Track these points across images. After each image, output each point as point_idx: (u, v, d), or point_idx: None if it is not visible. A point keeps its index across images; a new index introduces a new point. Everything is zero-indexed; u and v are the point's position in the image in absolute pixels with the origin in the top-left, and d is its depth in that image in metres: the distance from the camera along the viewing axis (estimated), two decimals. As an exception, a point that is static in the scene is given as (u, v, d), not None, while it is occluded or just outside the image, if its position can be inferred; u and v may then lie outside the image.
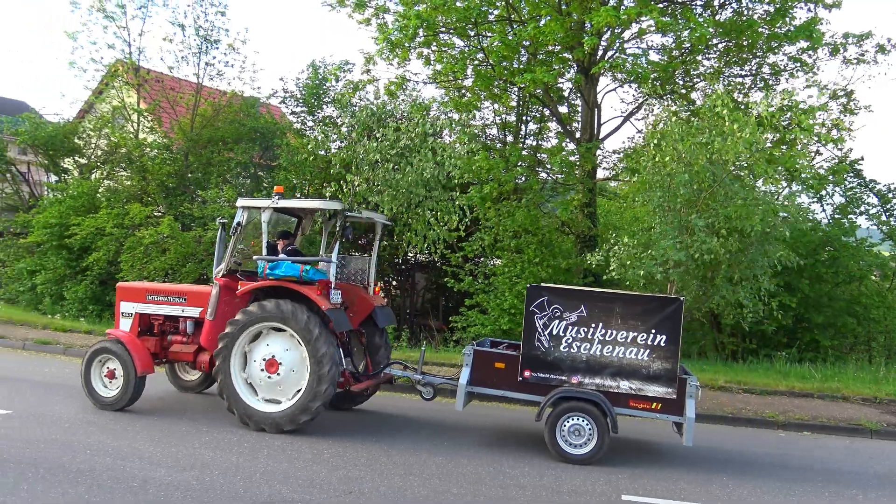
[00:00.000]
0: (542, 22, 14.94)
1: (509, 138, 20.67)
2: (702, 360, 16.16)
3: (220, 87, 22.38)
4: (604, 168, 20.32)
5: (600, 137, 17.66)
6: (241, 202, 9.54)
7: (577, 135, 17.75)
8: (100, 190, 21.01)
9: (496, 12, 16.51)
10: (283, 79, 22.22)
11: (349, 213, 9.45)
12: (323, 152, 14.48)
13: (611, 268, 11.10)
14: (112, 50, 22.10)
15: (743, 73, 17.25)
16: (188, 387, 10.98)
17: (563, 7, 15.05)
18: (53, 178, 23.17)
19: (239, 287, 9.25)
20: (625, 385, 8.38)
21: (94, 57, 21.99)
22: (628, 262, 10.17)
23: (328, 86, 21.47)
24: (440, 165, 10.78)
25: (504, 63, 15.63)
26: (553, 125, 20.33)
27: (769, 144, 10.60)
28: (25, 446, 7.57)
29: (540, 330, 8.65)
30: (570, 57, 16.25)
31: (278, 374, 8.83)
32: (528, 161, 19.56)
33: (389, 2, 16.47)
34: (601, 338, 8.46)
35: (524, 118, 20.59)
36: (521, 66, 16.12)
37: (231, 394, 8.87)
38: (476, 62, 17.06)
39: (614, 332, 8.42)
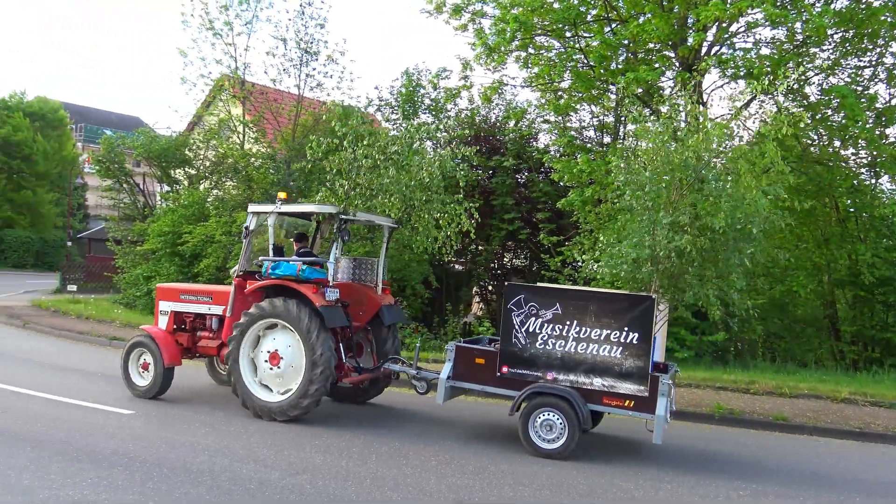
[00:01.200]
0: (643, 19, 14.51)
1: (606, 139, 20.24)
2: (820, 370, 15.22)
3: (320, 97, 22.99)
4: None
5: (705, 137, 16.94)
6: (250, 208, 10.21)
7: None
8: (209, 199, 21.97)
9: (594, 12, 16.18)
10: (378, 87, 22.57)
11: (344, 216, 9.90)
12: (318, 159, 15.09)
13: (587, 267, 11.14)
14: (219, 65, 23.13)
15: (863, 63, 16.18)
16: (224, 381, 11.36)
17: (665, 3, 14.55)
18: (166, 188, 24.43)
19: (247, 286, 9.84)
20: (598, 382, 8.42)
21: (203, 72, 23.07)
22: (601, 261, 10.19)
23: (423, 92, 21.66)
24: (439, 170, 11.74)
25: (603, 63, 15.25)
26: (654, 126, 19.70)
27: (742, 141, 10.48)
28: (149, 446, 7.91)
29: (517, 327, 8.82)
30: (673, 55, 15.69)
31: (279, 368, 9.41)
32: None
33: (486, 6, 16.44)
34: (575, 335, 8.54)
35: (622, 119, 20.12)
36: (621, 66, 15.71)
37: (237, 380, 9.54)
38: (573, 63, 16.76)
39: (588, 329, 8.47)
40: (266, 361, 9.52)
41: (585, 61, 16.27)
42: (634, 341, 8.26)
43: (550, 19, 15.26)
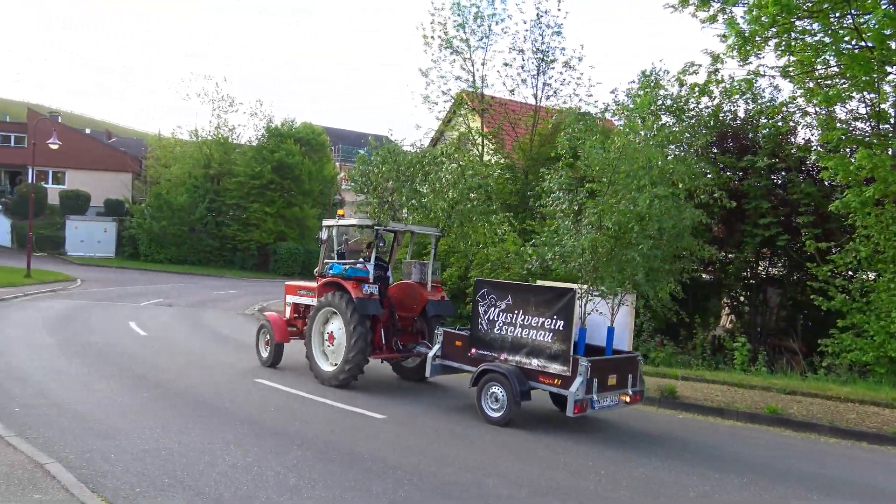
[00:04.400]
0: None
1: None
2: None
3: (558, 105, 22.85)
4: None
5: None
6: (324, 222, 12.95)
7: None
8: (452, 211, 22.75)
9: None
10: (615, 91, 21.89)
11: (378, 227, 12.24)
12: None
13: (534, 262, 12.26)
14: (459, 81, 23.99)
15: None
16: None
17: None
18: (412, 201, 25.74)
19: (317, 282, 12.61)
20: (535, 362, 9.65)
21: (444, 89, 24.08)
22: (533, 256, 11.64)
23: (663, 93, 20.52)
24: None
25: (884, 43, 13.18)
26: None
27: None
28: (402, 453, 8.17)
29: (481, 315, 10.40)
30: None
31: (332, 345, 12.08)
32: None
33: (738, -7, 15.04)
34: (521, 322, 9.87)
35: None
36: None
37: (310, 354, 12.32)
38: (846, 46, 14.69)
39: (530, 317, 9.74)
40: (326, 340, 12.21)
41: (858, 43, 14.21)
42: (560, 328, 9.38)
43: (815, -1, 13.56)
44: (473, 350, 10.45)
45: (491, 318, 10.27)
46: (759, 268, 20.76)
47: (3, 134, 52.70)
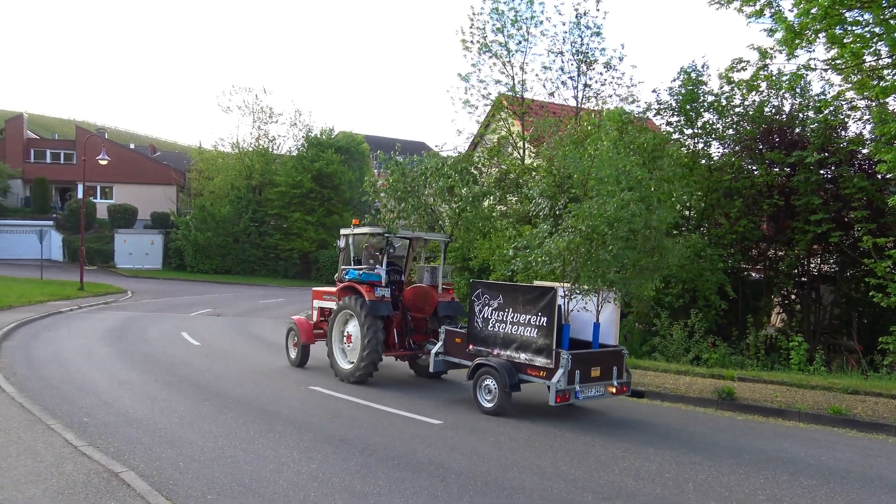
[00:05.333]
0: None
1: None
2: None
3: (599, 106, 22.68)
4: None
5: None
6: (341, 231, 13.93)
7: None
8: (493, 215, 22.77)
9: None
10: (656, 90, 21.59)
11: (388, 235, 13.15)
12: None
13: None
14: (498, 85, 23.98)
15: None
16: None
17: None
18: (454, 205, 25.82)
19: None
20: (523, 356, 10.48)
21: (484, 93, 24.09)
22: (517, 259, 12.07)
23: (705, 89, 20.23)
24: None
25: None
26: None
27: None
28: (462, 458, 8.20)
29: (477, 314, 11.27)
30: None
31: (350, 345, 12.96)
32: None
33: (786, -15, 14.77)
34: (511, 319, 10.71)
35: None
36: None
37: (330, 353, 13.30)
38: (894, 35, 14.28)
39: (518, 315, 10.58)
40: (345, 340, 13.14)
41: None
42: (544, 324, 10.16)
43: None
44: (470, 346, 11.38)
45: (485, 316, 11.15)
46: (811, 265, 20.32)
47: (53, 151, 54.26)
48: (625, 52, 58.01)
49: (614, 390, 10.62)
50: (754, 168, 19.90)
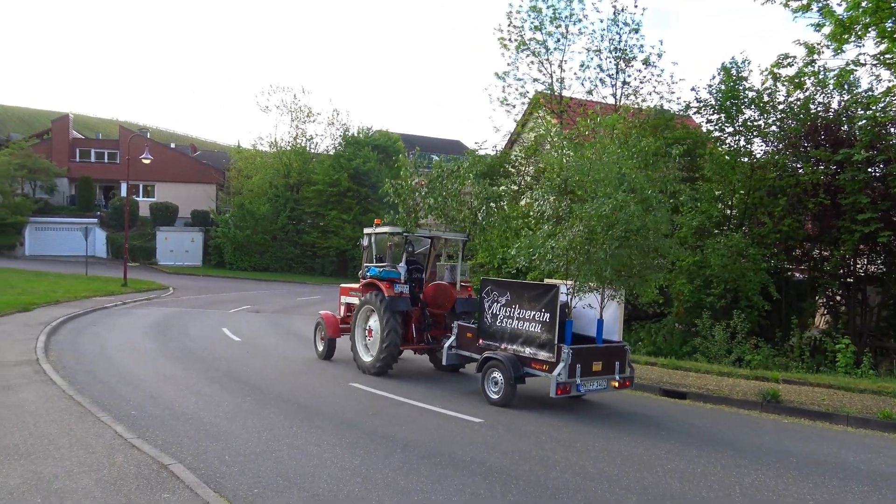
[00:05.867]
0: None
1: None
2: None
3: (637, 104, 22.44)
4: None
5: None
6: (365, 230, 14.58)
7: None
8: (530, 214, 22.67)
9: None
10: (696, 88, 21.17)
11: (407, 234, 13.77)
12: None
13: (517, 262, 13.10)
14: (536, 83, 23.88)
15: None
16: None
17: None
18: (491, 204, 25.78)
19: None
20: (528, 351, 10.96)
21: (521, 91, 24.01)
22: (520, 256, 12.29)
23: (746, 86, 19.84)
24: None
25: None
26: None
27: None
28: (503, 457, 8.18)
29: (486, 310, 11.83)
30: None
31: (371, 338, 13.60)
32: None
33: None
34: (517, 315, 11.20)
35: None
36: None
37: (353, 346, 13.91)
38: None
39: (524, 311, 11.05)
40: (367, 334, 13.78)
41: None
42: (547, 319, 10.62)
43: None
44: (480, 340, 11.92)
45: (494, 312, 11.69)
46: (858, 265, 19.82)
47: (97, 151, 55.52)
48: (664, 48, 57.19)
49: (617, 384, 10.98)
50: (798, 166, 19.48)
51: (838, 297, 20.36)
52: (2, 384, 10.91)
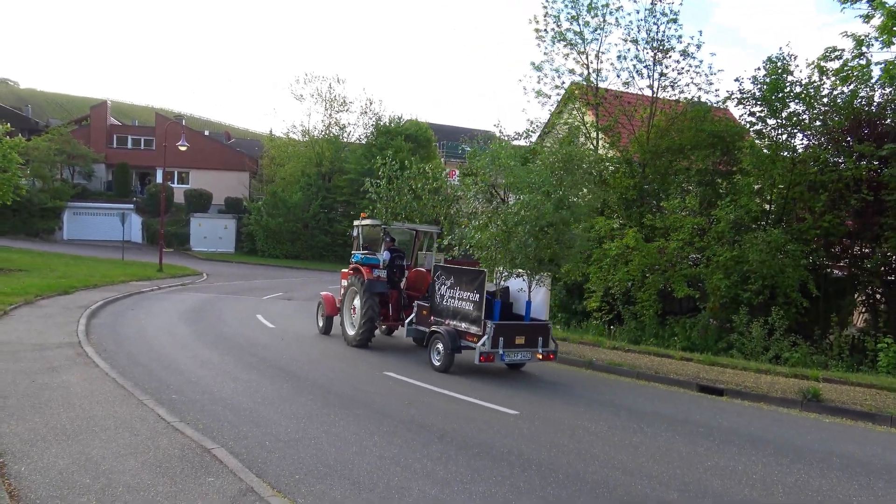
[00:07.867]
0: None
1: None
2: None
3: (675, 95, 22.09)
4: None
5: None
6: (354, 222, 16.82)
7: None
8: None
9: None
10: (739, 79, 20.67)
11: (385, 226, 16.21)
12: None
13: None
14: (572, 74, 23.61)
15: None
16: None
17: None
18: (513, 198, 25.63)
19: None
20: (464, 326, 12.83)
21: (557, 83, 23.76)
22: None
23: (791, 79, 19.42)
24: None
25: None
26: None
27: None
28: (540, 450, 8.15)
29: (437, 290, 13.65)
30: None
31: (356, 315, 15.42)
32: None
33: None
34: (458, 296, 13.04)
35: None
36: None
37: (342, 322, 16.02)
38: None
39: (463, 292, 12.92)
40: (351, 312, 15.72)
41: None
42: (477, 299, 12.50)
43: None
44: (431, 317, 13.76)
45: (442, 293, 13.52)
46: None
47: (134, 137, 56.37)
48: (703, 38, 56.17)
49: (541, 356, 12.85)
50: (841, 161, 19.06)
51: (878, 295, 19.93)
52: (47, 365, 11.16)
